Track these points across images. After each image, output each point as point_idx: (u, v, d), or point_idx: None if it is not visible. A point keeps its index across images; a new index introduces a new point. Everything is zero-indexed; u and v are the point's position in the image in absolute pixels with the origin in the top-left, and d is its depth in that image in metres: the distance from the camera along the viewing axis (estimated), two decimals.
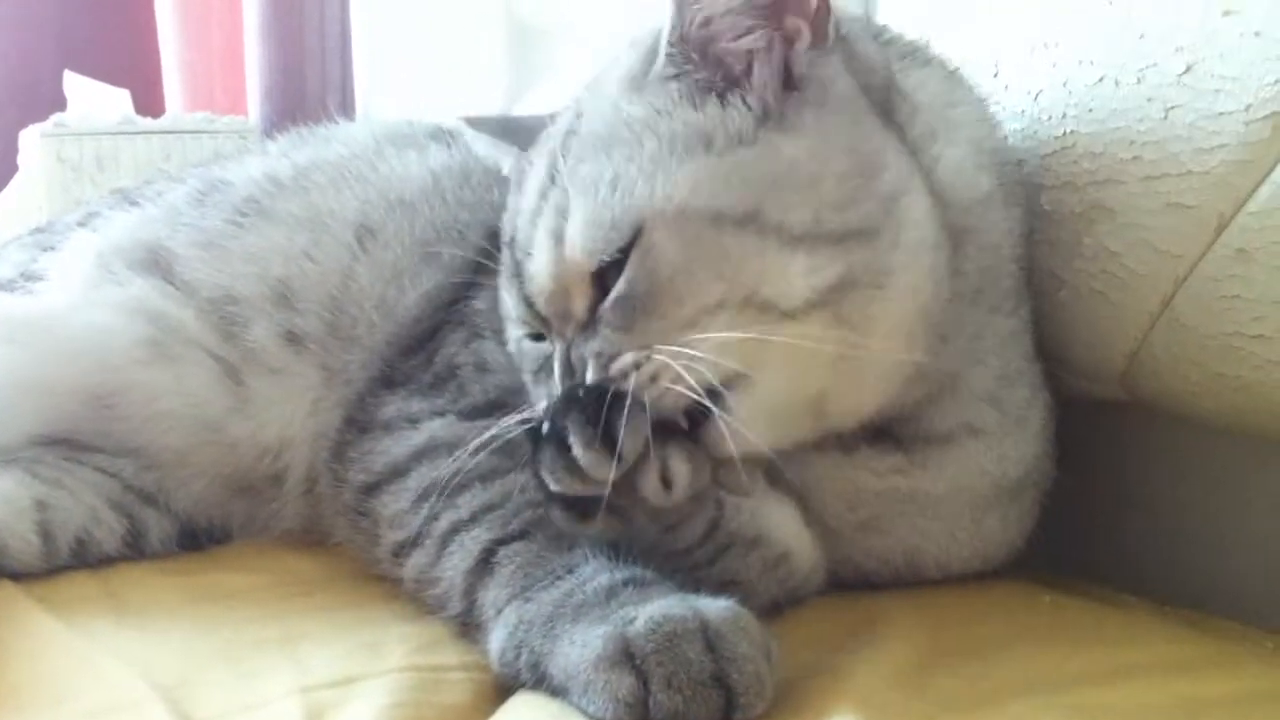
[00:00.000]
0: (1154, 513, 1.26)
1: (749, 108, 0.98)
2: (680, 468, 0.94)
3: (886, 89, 1.04)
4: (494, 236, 1.34)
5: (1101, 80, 1.08)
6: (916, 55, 1.11)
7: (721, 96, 0.99)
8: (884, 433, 1.08)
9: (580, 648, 0.88)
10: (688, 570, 1.02)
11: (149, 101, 3.10)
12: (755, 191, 0.95)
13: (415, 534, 1.11)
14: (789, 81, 0.99)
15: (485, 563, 1.03)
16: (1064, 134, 1.12)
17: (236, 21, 3.04)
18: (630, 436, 0.91)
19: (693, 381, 0.91)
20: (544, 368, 1.05)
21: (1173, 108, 1.02)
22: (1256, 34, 0.97)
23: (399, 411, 1.24)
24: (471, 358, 1.24)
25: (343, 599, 1.18)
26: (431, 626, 1.06)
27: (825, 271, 0.95)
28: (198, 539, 1.36)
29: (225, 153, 1.74)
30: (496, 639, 0.96)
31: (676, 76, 1.00)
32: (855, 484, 1.10)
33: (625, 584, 0.93)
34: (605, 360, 0.96)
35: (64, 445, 1.36)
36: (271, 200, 1.42)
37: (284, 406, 1.35)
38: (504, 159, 1.23)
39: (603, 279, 0.97)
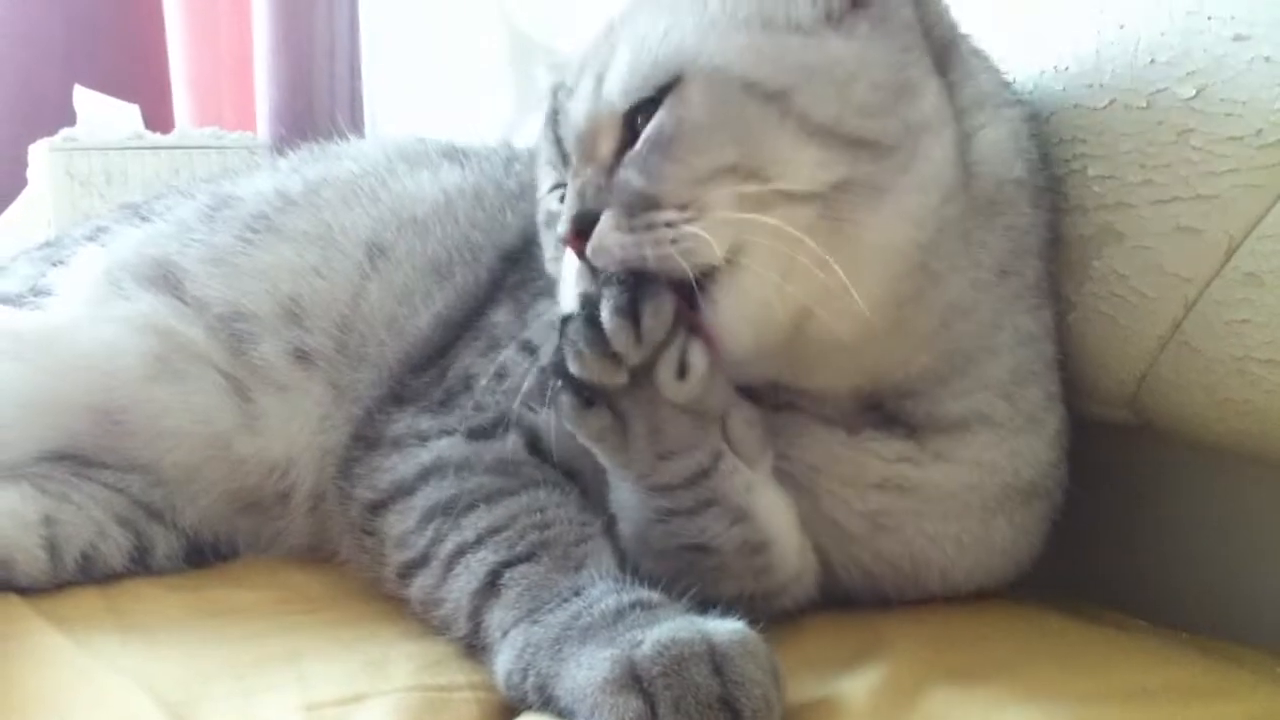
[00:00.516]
0: (1163, 536, 1.26)
1: (814, 6, 1.03)
2: (698, 360, 0.97)
3: (947, 45, 1.08)
4: (508, 258, 1.34)
5: (1111, 104, 1.09)
6: (982, 55, 1.14)
7: None
8: (894, 419, 1.08)
9: (587, 670, 0.88)
10: (667, 520, 1.03)
11: (157, 116, 3.11)
12: (791, 74, 0.99)
13: (421, 555, 1.11)
14: (857, 3, 1.03)
15: (491, 585, 1.02)
16: (1074, 157, 1.12)
17: (245, 38, 3.05)
18: (652, 315, 0.95)
19: (702, 238, 0.95)
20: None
21: (1183, 132, 1.02)
22: (1267, 59, 0.97)
23: (408, 429, 1.24)
24: (491, 367, 1.24)
25: (348, 616, 1.17)
26: (437, 645, 1.06)
27: (831, 169, 0.98)
28: (204, 555, 1.36)
29: (235, 168, 1.74)
30: (503, 661, 0.96)
31: None
32: (862, 469, 1.08)
33: (633, 606, 0.93)
34: (619, 198, 0.99)
35: (71, 460, 1.36)
36: (282, 216, 1.42)
37: (292, 423, 1.34)
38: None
39: (632, 124, 1.01)
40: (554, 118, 1.09)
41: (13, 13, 3.35)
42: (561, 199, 1.09)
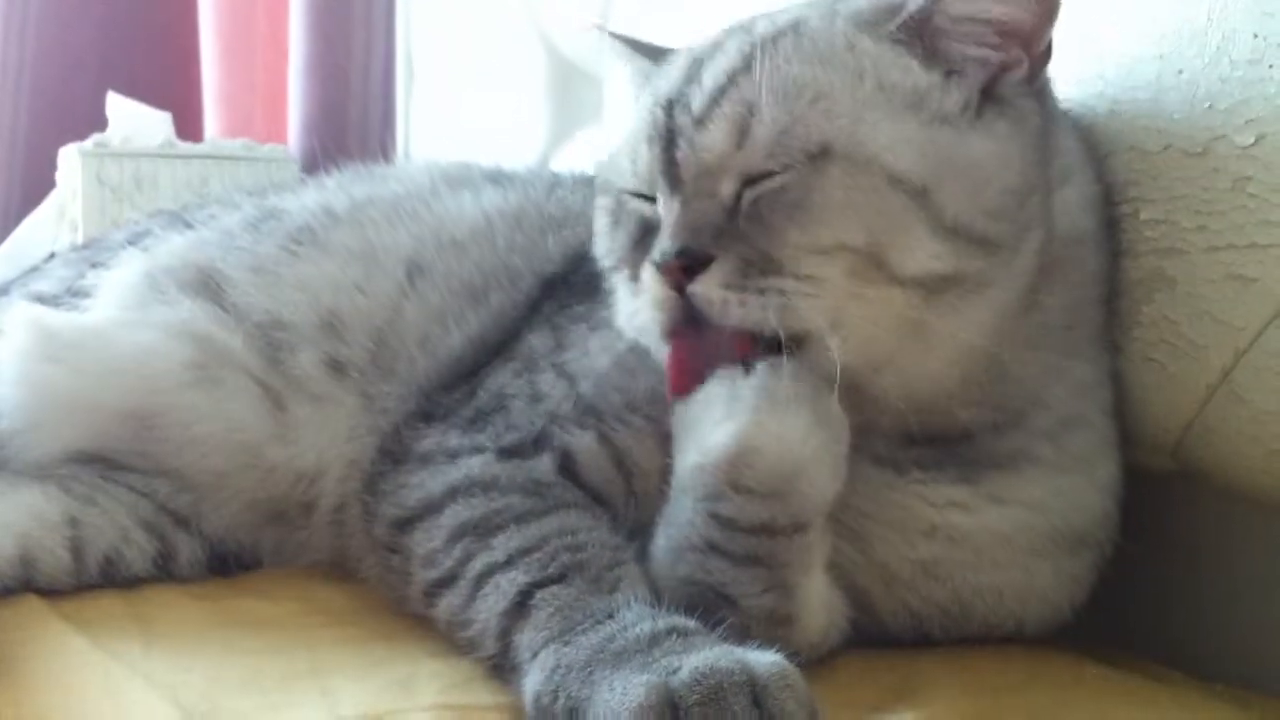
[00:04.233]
0: (1201, 587, 1.24)
1: (960, 98, 1.05)
2: None
3: (1048, 135, 1.09)
4: (546, 284, 1.34)
5: (1168, 148, 1.08)
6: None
7: (943, 75, 1.05)
8: (944, 458, 1.08)
9: (620, 695, 0.86)
10: (705, 552, 1.01)
11: (187, 126, 3.11)
12: (933, 170, 1.01)
13: (449, 574, 1.10)
14: (989, 96, 1.05)
15: (522, 605, 1.00)
16: (1127, 200, 1.12)
17: (280, 52, 3.06)
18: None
19: (810, 311, 0.99)
20: (648, 230, 1.09)
21: (1240, 179, 1.02)
22: None
23: (437, 445, 1.23)
24: (526, 389, 1.23)
25: (373, 632, 1.16)
26: (464, 664, 1.04)
27: (946, 262, 1.01)
28: (227, 564, 1.35)
29: (281, 183, 1.75)
30: (532, 682, 0.94)
31: (906, 42, 1.06)
32: (911, 513, 1.09)
33: (669, 632, 0.91)
34: (736, 251, 1.01)
35: (99, 463, 1.35)
36: (327, 232, 1.42)
37: (323, 433, 1.33)
38: (631, 67, 1.26)
39: (761, 175, 1.03)
40: (668, 136, 1.08)
41: (46, 19, 3.36)
42: (651, 209, 1.10)
